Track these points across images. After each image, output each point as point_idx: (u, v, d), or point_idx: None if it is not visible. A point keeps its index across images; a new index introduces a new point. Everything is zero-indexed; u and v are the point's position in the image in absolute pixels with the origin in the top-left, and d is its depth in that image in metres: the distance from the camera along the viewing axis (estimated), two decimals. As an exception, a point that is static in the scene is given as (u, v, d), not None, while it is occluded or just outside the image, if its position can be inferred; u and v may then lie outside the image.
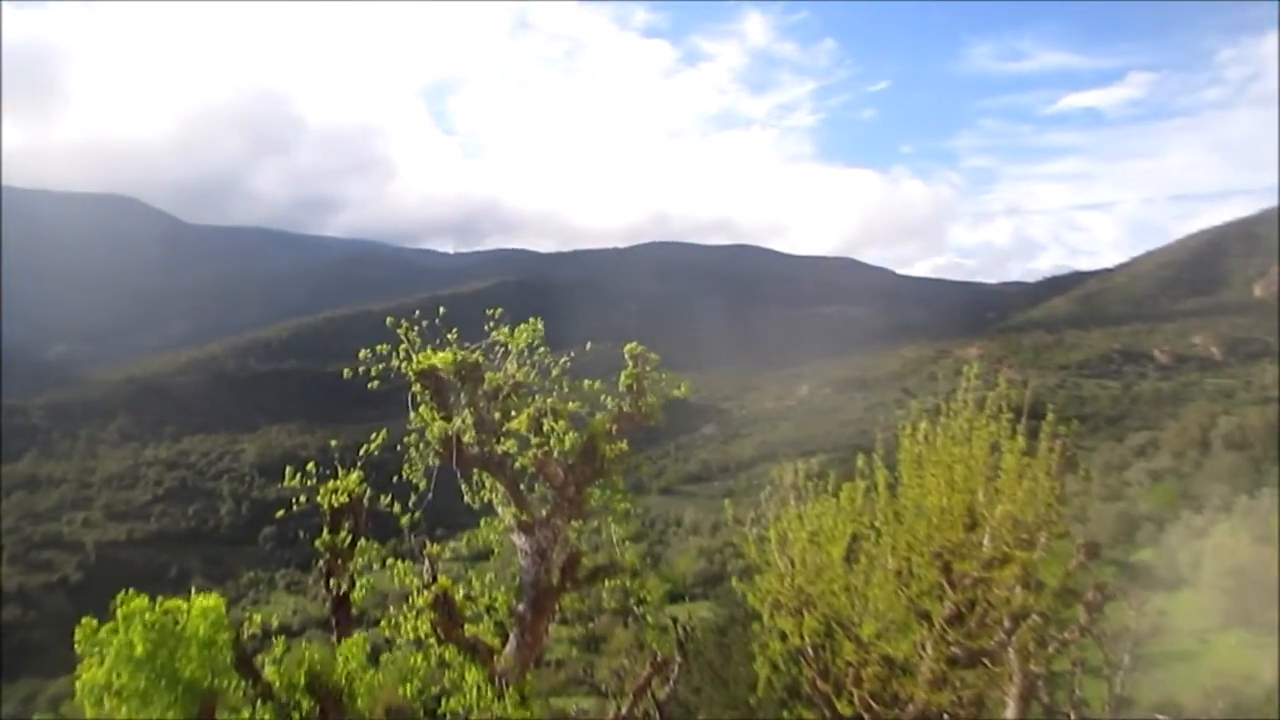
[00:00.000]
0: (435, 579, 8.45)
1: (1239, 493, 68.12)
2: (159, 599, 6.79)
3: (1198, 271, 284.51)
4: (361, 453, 8.81)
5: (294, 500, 8.69)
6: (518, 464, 8.89)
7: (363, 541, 8.76)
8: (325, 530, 8.72)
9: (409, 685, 8.12)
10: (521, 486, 9.02)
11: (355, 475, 8.78)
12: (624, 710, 11.36)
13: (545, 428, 8.76)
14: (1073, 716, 13.37)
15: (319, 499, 8.71)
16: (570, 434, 8.75)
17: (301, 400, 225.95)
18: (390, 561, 8.68)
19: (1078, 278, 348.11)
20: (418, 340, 8.73)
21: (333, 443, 9.32)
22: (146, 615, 6.54)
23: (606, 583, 9.19)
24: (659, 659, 10.85)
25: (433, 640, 8.36)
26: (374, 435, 8.67)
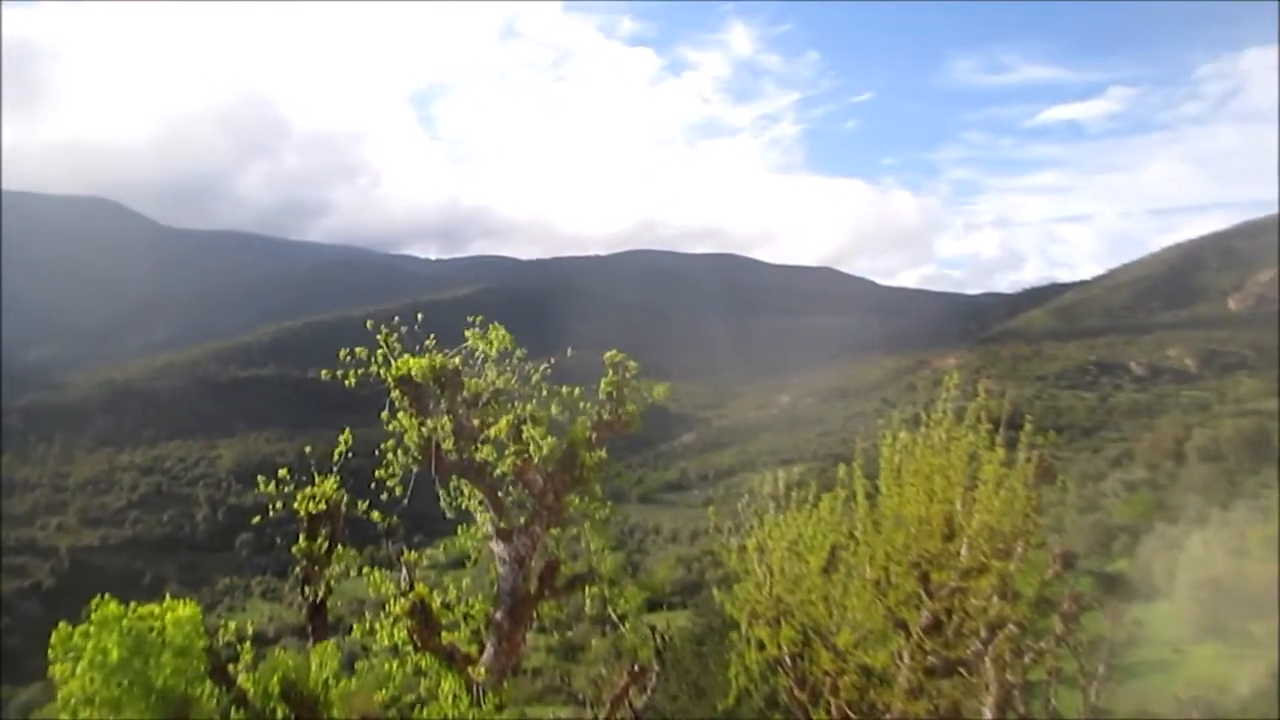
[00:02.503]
0: (412, 586, 8.41)
1: (1213, 504, 68.72)
2: (134, 605, 6.72)
3: (1174, 284, 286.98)
4: (335, 457, 8.75)
5: (270, 506, 8.63)
6: (496, 471, 8.87)
7: (340, 548, 8.71)
8: (302, 537, 8.66)
9: (384, 693, 8.07)
10: (500, 494, 9.00)
11: (332, 481, 8.72)
12: (601, 719, 11.33)
13: (524, 435, 8.74)
14: (1048, 726, 13.42)
15: (296, 505, 8.65)
16: (549, 441, 8.74)
17: (280, 406, 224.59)
18: (367, 568, 8.63)
19: (1055, 289, 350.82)
20: (397, 346, 8.71)
21: (307, 449, 9.26)
22: (123, 622, 6.47)
23: (585, 591, 9.18)
24: (637, 667, 10.82)
25: (409, 648, 8.32)
26: (342, 438, 8.60)
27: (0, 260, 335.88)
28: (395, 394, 8.69)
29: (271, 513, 8.58)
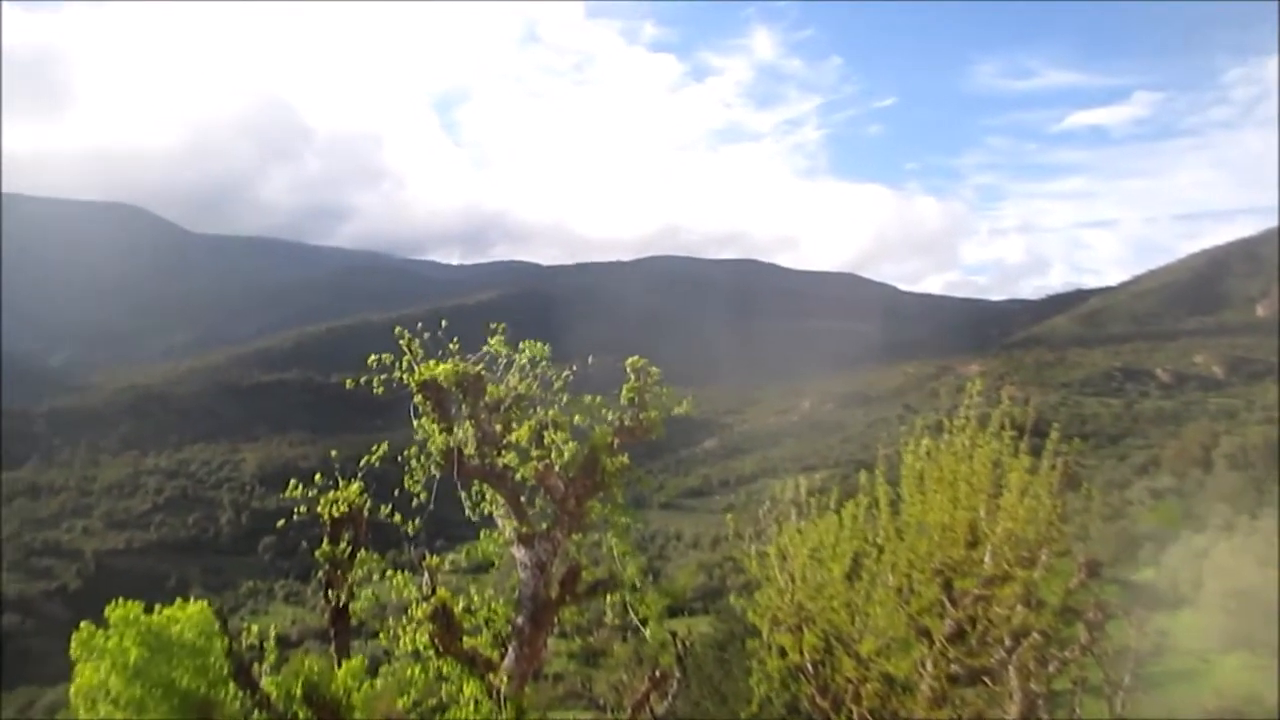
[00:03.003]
0: (434, 591, 8.42)
1: (1241, 513, 67.99)
2: (154, 607, 6.78)
3: (1200, 290, 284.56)
4: (361, 465, 8.79)
5: (294, 511, 8.68)
6: (519, 476, 8.88)
7: (362, 553, 8.74)
8: (325, 541, 8.70)
9: (407, 697, 8.09)
10: (522, 499, 9.00)
11: (355, 486, 8.76)
12: (622, 725, 11.31)
13: (546, 440, 8.75)
14: (1073, 736, 13.31)
15: (319, 509, 8.69)
16: (571, 447, 8.74)
17: (303, 410, 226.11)
18: (390, 573, 8.65)
19: (1080, 296, 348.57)
20: (420, 351, 8.74)
21: (333, 454, 9.31)
22: (142, 621, 6.52)
23: (606, 597, 9.17)
24: (658, 673, 10.80)
25: (431, 652, 8.33)
26: (375, 447, 8.66)
27: (26, 265, 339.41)
28: (418, 399, 8.72)
29: (296, 517, 8.63)
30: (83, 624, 6.51)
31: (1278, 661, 40.19)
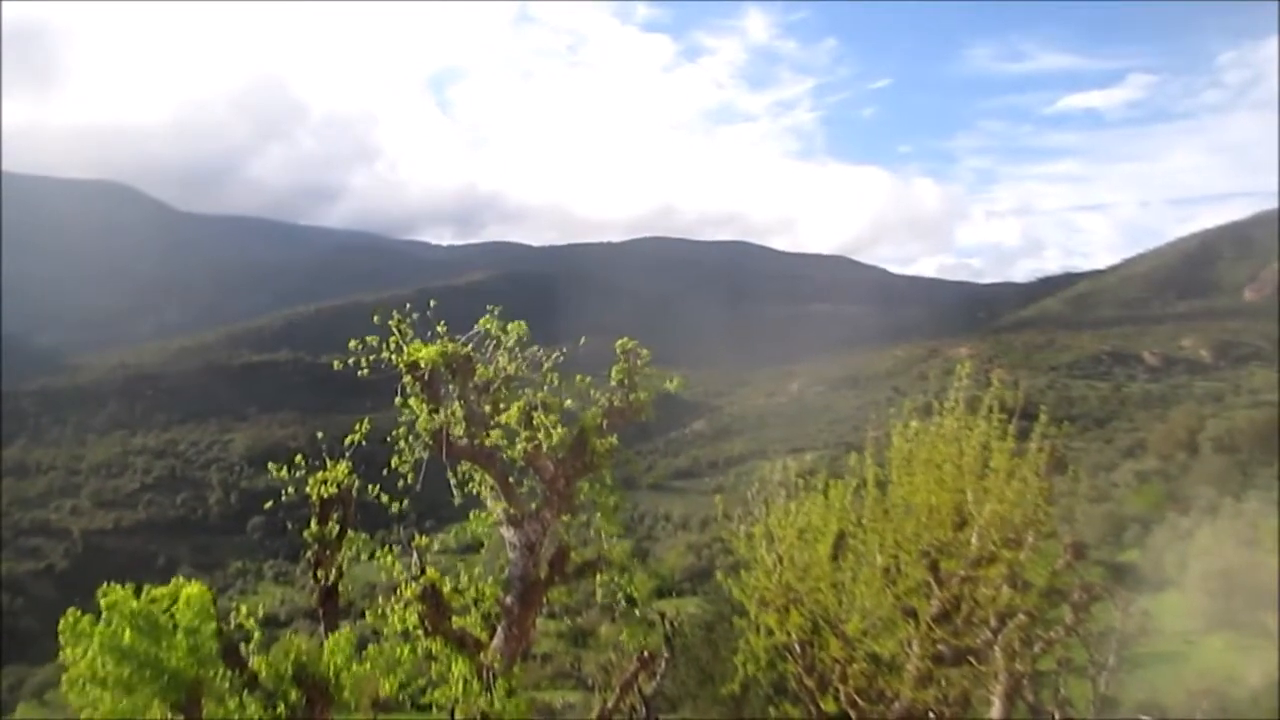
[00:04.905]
0: (423, 571, 8.44)
1: (1226, 496, 68.46)
2: (144, 588, 6.77)
3: (1189, 274, 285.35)
4: (347, 443, 8.77)
5: (283, 491, 8.67)
6: (507, 457, 8.88)
7: (351, 533, 8.74)
8: (313, 521, 8.70)
9: (395, 677, 8.11)
10: (511, 480, 9.02)
11: (343, 466, 8.75)
12: (610, 704, 11.37)
13: (535, 421, 8.76)
14: (1057, 716, 13.46)
15: (308, 489, 8.68)
16: (560, 428, 8.75)
17: (293, 390, 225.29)
18: (378, 553, 8.66)
19: (1070, 279, 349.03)
20: (409, 332, 8.72)
21: (319, 434, 9.29)
22: (132, 604, 6.51)
23: (595, 577, 9.20)
24: (646, 654, 10.85)
25: (420, 632, 8.36)
26: (357, 425, 8.63)
27: (14, 244, 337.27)
28: (407, 379, 8.71)
29: (284, 497, 8.62)
30: (70, 611, 6.49)
31: (1262, 642, 40.61)
